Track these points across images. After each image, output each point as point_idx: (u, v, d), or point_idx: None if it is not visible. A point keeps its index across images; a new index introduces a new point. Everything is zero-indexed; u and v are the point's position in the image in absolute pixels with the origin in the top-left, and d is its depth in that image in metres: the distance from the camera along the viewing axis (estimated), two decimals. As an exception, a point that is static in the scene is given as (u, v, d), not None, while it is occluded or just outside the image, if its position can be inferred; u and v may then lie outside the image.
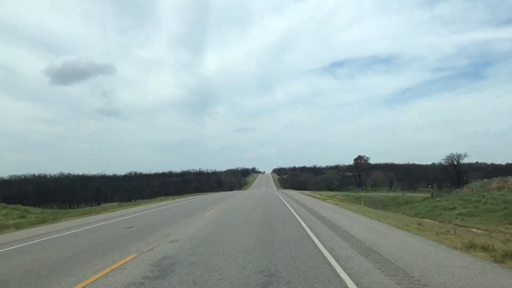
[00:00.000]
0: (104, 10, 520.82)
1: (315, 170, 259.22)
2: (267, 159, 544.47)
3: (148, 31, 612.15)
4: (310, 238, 10.48)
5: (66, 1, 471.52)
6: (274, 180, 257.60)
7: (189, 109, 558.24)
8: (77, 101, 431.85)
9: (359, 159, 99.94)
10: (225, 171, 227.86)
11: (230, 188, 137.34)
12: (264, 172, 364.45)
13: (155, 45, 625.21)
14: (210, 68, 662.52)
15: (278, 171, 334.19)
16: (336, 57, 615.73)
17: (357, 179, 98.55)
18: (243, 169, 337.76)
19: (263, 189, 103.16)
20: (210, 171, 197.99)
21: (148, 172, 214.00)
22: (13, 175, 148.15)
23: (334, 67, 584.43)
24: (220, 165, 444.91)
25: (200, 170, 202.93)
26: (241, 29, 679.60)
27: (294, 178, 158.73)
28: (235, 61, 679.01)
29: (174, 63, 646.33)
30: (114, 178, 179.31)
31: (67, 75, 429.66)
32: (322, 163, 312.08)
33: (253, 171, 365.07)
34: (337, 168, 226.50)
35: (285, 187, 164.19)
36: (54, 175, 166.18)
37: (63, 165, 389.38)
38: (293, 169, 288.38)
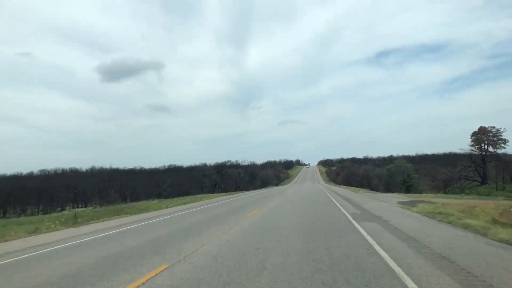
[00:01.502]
0: (152, 8, 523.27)
1: (366, 162, 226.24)
2: (312, 152, 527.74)
3: (193, 27, 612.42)
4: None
5: (116, 2, 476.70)
6: (321, 173, 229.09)
7: (233, 103, 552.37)
8: (126, 98, 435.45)
9: (481, 133, 60.17)
10: (263, 164, 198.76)
11: (265, 183, 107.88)
12: (309, 165, 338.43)
13: (201, 41, 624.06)
14: (255, 62, 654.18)
15: (324, 163, 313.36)
16: (383, 47, 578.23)
17: (480, 170, 59.71)
18: (286, 161, 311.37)
19: (308, 186, 73.64)
20: (247, 163, 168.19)
21: (183, 165, 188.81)
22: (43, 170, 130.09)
23: (381, 57, 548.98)
24: (263, 158, 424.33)
25: (237, 163, 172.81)
26: (285, 22, 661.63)
27: (347, 171, 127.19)
28: (280, 54, 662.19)
29: (219, 58, 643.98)
30: (152, 171, 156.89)
31: (116, 73, 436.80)
32: (372, 154, 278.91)
33: (297, 163, 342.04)
34: (391, 158, 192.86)
35: (335, 182, 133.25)
36: (87, 170, 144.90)
37: (112, 161, 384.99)
38: (341, 161, 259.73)
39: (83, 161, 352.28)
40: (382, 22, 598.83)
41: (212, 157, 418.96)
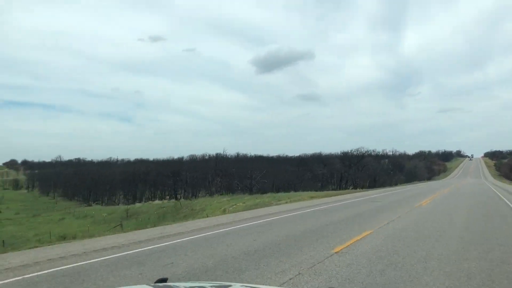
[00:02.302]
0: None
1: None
2: (475, 142, 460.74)
3: (346, 14, 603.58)
4: None
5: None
6: (488, 166, 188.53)
7: (387, 91, 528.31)
8: (278, 88, 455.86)
9: None
10: (414, 154, 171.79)
11: (412, 177, 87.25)
12: (472, 157, 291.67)
13: (353, 28, 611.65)
14: (411, 46, 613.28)
15: (492, 155, 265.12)
16: None
17: None
18: (444, 152, 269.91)
19: (470, 185, 53.84)
20: (396, 153, 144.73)
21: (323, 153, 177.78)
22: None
23: None
24: (416, 149, 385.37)
25: (385, 152, 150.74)
26: (446, 1, 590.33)
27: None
28: (439, 36, 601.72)
29: (372, 44, 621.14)
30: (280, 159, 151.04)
31: (270, 64, 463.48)
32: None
33: (458, 154, 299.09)
34: None
35: (509, 178, 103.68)
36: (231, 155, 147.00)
37: (261, 148, 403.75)
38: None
39: (233, 147, 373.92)
40: None
41: (357, 146, 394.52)
